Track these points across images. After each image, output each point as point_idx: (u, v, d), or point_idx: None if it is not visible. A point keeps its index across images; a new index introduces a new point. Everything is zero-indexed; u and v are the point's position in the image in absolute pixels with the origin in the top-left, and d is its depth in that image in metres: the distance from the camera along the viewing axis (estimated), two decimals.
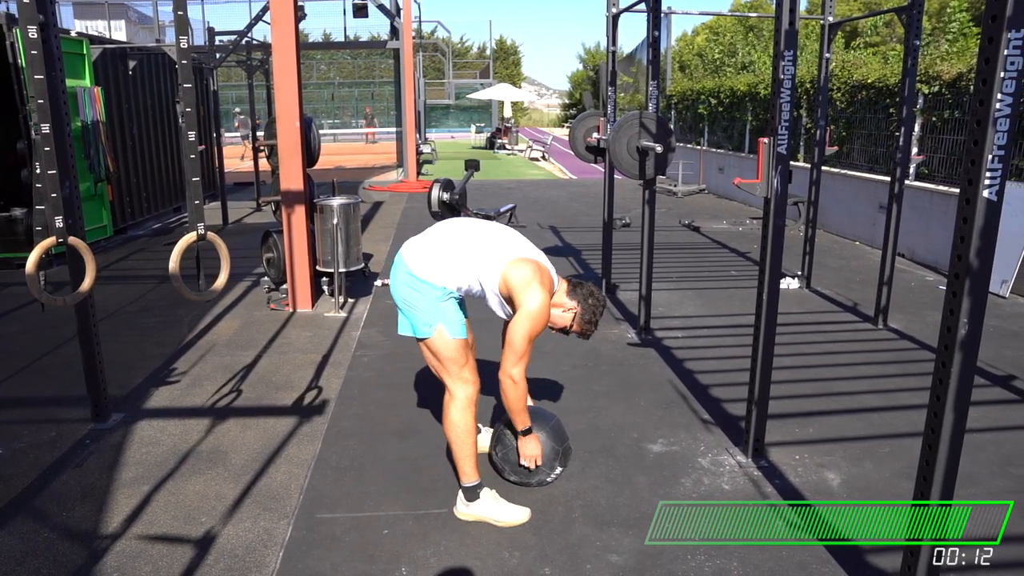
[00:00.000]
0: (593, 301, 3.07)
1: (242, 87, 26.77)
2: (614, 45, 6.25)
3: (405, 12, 16.49)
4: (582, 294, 3.07)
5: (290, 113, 5.80)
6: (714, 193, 14.13)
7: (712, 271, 7.66)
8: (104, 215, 8.96)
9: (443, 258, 2.94)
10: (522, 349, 2.86)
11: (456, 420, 2.96)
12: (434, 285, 2.90)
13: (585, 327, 3.08)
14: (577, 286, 3.10)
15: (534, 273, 2.90)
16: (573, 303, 3.06)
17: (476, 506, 2.98)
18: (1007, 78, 1.87)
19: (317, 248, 6.18)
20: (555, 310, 3.04)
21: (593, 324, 3.09)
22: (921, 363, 4.80)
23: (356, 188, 14.84)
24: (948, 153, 7.88)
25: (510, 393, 2.93)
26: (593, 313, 3.07)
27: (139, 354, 5.02)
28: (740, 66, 20.01)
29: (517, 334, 2.85)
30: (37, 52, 3.00)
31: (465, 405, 2.96)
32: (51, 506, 3.11)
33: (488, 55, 41.98)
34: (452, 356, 2.93)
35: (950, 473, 2.16)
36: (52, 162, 3.12)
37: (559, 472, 3.20)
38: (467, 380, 2.97)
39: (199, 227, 3.19)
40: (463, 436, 2.96)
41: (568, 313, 3.06)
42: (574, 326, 3.08)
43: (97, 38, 10.25)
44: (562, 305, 3.06)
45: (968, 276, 2.00)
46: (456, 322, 2.94)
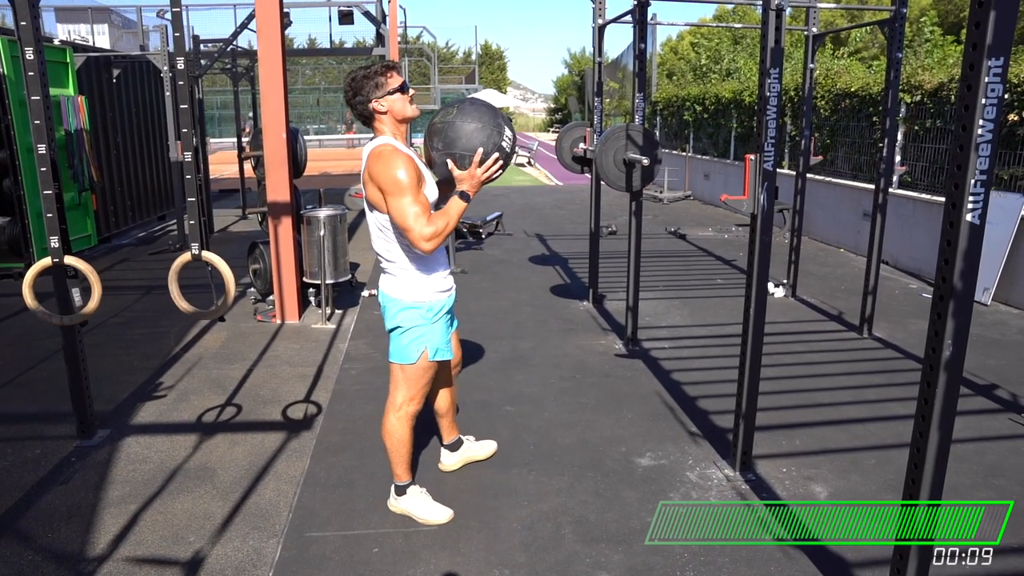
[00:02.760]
0: (363, 72, 2.78)
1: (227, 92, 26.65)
2: (600, 56, 6.28)
3: (391, 18, 16.44)
4: (370, 89, 2.77)
5: (277, 125, 5.79)
6: (699, 200, 14.20)
7: (698, 279, 7.70)
8: (88, 224, 8.88)
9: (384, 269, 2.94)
10: (406, 200, 2.64)
11: (394, 428, 3.05)
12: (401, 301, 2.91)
13: (381, 81, 2.76)
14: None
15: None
16: (382, 104, 2.77)
17: (403, 500, 3.16)
18: (988, 104, 1.90)
19: (304, 259, 6.16)
20: (383, 127, 2.81)
21: (373, 72, 2.75)
22: (905, 372, 4.85)
23: (342, 195, 14.77)
24: (930, 162, 7.97)
25: (437, 230, 2.66)
26: (367, 71, 2.77)
27: (125, 368, 4.98)
28: (725, 72, 20.14)
29: (395, 199, 2.65)
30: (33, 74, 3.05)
31: (407, 417, 3.04)
32: (36, 527, 3.08)
33: (474, 60, 41.97)
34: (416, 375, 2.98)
35: (936, 488, 2.19)
36: (49, 182, 3.17)
37: (510, 136, 2.77)
38: (418, 401, 3.05)
39: (193, 247, 3.20)
40: (398, 444, 3.07)
41: (383, 104, 2.77)
42: (397, 97, 2.78)
43: (81, 46, 10.16)
44: (383, 120, 2.80)
45: (952, 298, 2.03)
46: (438, 344, 2.97)
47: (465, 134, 2.69)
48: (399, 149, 2.74)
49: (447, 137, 2.71)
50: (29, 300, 3.34)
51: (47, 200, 3.34)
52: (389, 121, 2.81)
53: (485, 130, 2.69)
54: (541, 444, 3.83)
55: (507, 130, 2.74)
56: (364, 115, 2.80)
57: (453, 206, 2.71)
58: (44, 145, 3.33)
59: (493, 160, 2.70)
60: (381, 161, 2.68)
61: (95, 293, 3.37)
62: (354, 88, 2.77)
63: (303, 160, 6.59)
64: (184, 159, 3.24)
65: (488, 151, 2.69)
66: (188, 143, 3.25)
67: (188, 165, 3.29)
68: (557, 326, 5.93)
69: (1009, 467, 3.55)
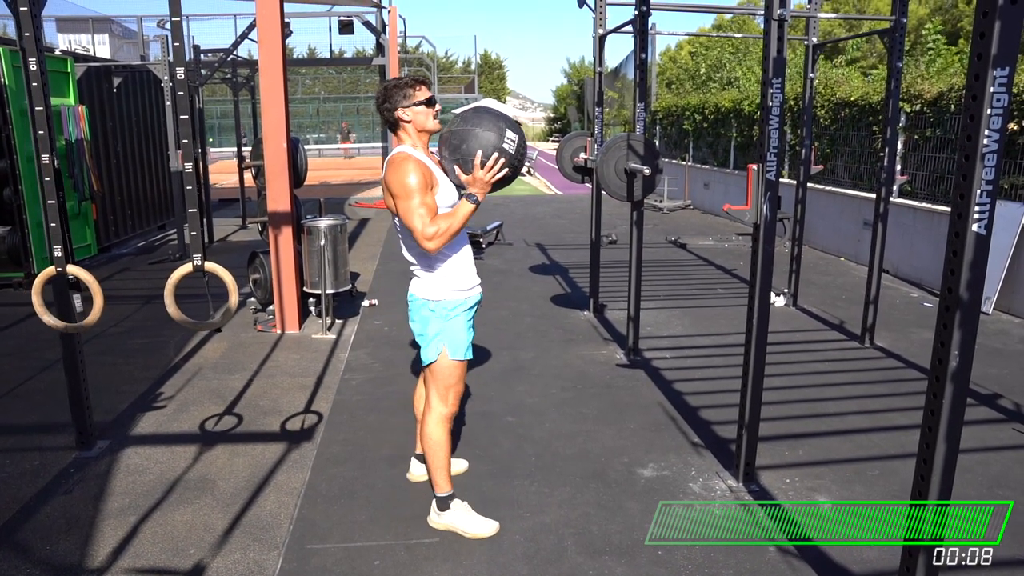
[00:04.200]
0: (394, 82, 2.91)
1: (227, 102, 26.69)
2: (601, 65, 6.28)
3: (391, 28, 16.50)
4: (398, 99, 2.89)
5: (277, 135, 5.79)
6: (699, 209, 14.21)
7: (699, 289, 7.69)
8: (88, 234, 8.88)
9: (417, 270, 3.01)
10: (413, 202, 2.75)
11: (429, 432, 3.03)
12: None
13: (410, 92, 2.89)
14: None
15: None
16: (407, 114, 2.89)
17: (447, 516, 3.08)
18: (994, 114, 1.90)
19: (304, 269, 6.15)
20: (406, 136, 2.93)
21: (404, 84, 2.89)
22: (908, 382, 4.83)
23: (342, 205, 14.81)
24: (931, 171, 7.97)
25: (440, 229, 2.75)
26: (397, 81, 2.91)
27: (124, 378, 4.96)
28: (726, 81, 20.19)
29: (402, 202, 2.76)
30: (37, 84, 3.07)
31: (439, 420, 3.02)
32: (35, 539, 3.06)
33: (473, 70, 42.11)
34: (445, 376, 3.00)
35: (944, 499, 2.17)
36: (52, 192, 3.18)
37: (512, 138, 2.81)
38: (448, 402, 3.04)
39: (195, 259, 3.20)
40: (435, 448, 3.03)
41: (408, 114, 2.89)
42: (421, 110, 2.90)
43: (81, 55, 10.18)
44: (406, 129, 2.92)
45: (959, 308, 2.02)
46: (460, 343, 3.00)
47: (467, 139, 2.78)
48: (412, 156, 2.84)
49: (451, 144, 2.82)
50: (38, 308, 3.33)
51: (50, 209, 3.33)
52: (411, 130, 2.93)
53: (485, 133, 2.77)
54: (543, 455, 3.81)
55: (509, 132, 2.80)
56: (390, 121, 2.94)
57: (460, 208, 2.81)
58: (48, 155, 3.33)
59: (494, 160, 2.76)
60: (393, 168, 2.82)
61: (96, 303, 3.35)
62: (385, 95, 2.92)
63: (303, 170, 6.59)
64: (184, 170, 3.23)
65: (488, 153, 2.76)
66: (188, 154, 3.24)
67: (188, 176, 3.28)
68: (558, 336, 5.92)
69: (1014, 477, 3.53)
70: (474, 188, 2.79)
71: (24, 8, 3.25)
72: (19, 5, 3.24)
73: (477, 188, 2.79)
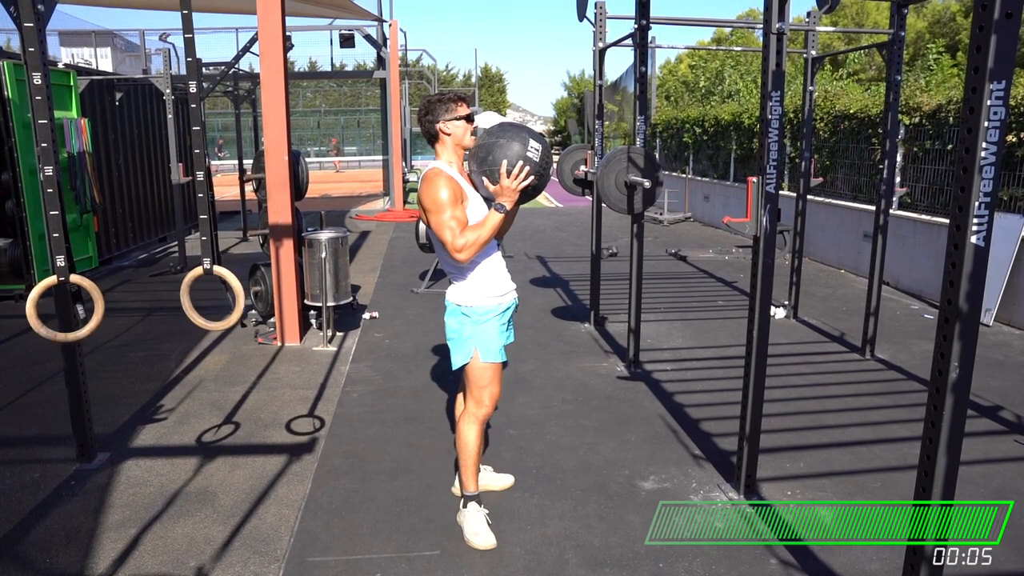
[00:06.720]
0: (436, 97, 3.02)
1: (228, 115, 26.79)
2: (601, 78, 6.32)
3: (392, 42, 16.62)
4: (440, 112, 2.99)
5: (278, 147, 5.81)
6: (700, 221, 14.24)
7: (700, 301, 7.70)
8: (90, 246, 8.90)
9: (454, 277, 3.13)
10: (444, 216, 2.84)
11: (461, 431, 3.14)
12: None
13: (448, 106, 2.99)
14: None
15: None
16: (447, 127, 2.99)
17: (459, 515, 3.22)
18: (991, 127, 1.91)
19: (305, 281, 6.16)
20: (443, 149, 3.02)
21: (446, 99, 3.01)
22: (909, 394, 4.83)
23: (342, 217, 14.85)
24: (930, 183, 8.00)
25: (468, 241, 2.85)
26: (440, 96, 3.02)
27: (125, 390, 4.96)
28: (726, 94, 20.27)
29: (434, 216, 2.87)
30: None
31: (472, 420, 3.11)
32: (35, 552, 3.05)
33: (473, 83, 42.30)
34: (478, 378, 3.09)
35: (945, 513, 2.17)
36: (55, 203, 3.23)
37: (536, 147, 2.89)
38: (483, 402, 3.11)
39: (205, 262, 3.29)
40: (463, 446, 3.13)
41: (448, 127, 2.99)
42: (461, 124, 3.00)
43: (84, 69, 10.24)
44: (444, 142, 3.01)
45: (958, 320, 2.02)
46: (492, 346, 3.07)
47: (492, 150, 2.86)
48: (443, 171, 2.93)
49: (478, 157, 2.91)
50: (33, 320, 3.34)
51: (52, 220, 3.35)
52: (449, 144, 3.02)
53: (510, 144, 2.86)
54: (544, 467, 3.81)
55: (533, 141, 2.88)
56: (430, 133, 3.04)
57: (489, 218, 2.88)
58: (51, 168, 3.36)
59: (519, 168, 2.82)
60: (426, 183, 2.91)
61: (97, 311, 3.37)
62: (428, 108, 3.01)
63: (305, 182, 6.61)
64: (197, 178, 3.35)
65: (513, 162, 2.83)
66: (200, 163, 3.34)
67: (201, 184, 3.39)
68: (559, 348, 5.92)
69: (1016, 489, 3.52)
70: (502, 198, 2.86)
71: (29, 24, 3.28)
72: (24, 22, 3.27)
73: (505, 197, 2.86)
